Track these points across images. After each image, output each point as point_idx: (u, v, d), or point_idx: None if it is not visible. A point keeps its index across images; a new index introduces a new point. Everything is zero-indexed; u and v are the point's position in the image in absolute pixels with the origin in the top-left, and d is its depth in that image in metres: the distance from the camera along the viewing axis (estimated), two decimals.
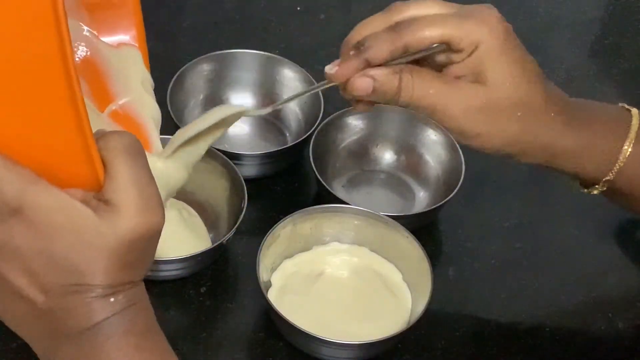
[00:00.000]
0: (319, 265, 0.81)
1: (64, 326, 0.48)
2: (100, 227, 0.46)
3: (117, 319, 0.48)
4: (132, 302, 0.48)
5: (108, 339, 0.48)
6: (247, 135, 0.94)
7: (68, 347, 0.48)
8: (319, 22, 1.10)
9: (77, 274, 0.46)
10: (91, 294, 0.47)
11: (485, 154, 0.69)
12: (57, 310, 0.47)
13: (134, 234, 0.47)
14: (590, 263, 0.87)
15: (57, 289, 0.46)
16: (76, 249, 0.46)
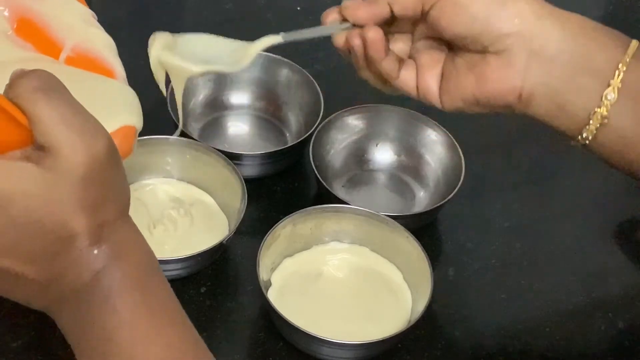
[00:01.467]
0: (319, 265, 0.81)
1: (63, 291, 0.47)
2: (45, 177, 0.44)
3: (108, 274, 0.46)
4: (119, 251, 0.47)
5: (106, 298, 0.46)
6: (247, 135, 0.94)
7: (69, 310, 0.48)
8: (319, 22, 1.10)
9: (48, 232, 0.44)
10: (73, 249, 0.45)
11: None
12: (50, 277, 0.46)
13: (80, 171, 0.44)
14: (590, 263, 0.87)
15: (41, 255, 0.45)
16: (34, 209, 0.44)
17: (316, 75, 0.93)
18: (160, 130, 0.83)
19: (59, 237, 0.45)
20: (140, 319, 0.47)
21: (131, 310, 0.47)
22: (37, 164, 0.44)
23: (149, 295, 0.48)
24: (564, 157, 0.98)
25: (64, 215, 0.44)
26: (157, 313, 0.48)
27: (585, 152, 0.69)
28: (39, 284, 0.46)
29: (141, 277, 0.48)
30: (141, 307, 0.48)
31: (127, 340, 0.47)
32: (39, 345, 0.73)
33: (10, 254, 0.45)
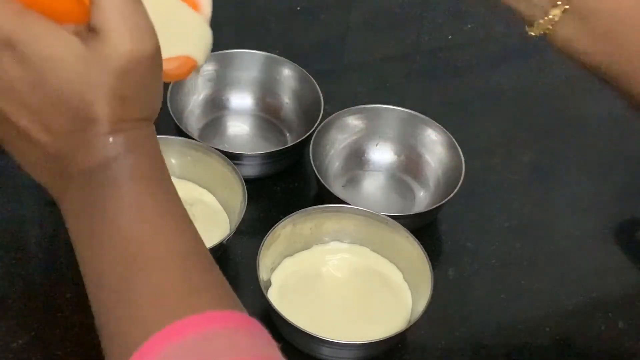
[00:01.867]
0: (319, 265, 0.81)
1: (70, 168, 0.47)
2: (86, 56, 0.45)
3: (119, 163, 0.47)
4: (134, 145, 0.48)
5: (111, 183, 0.47)
6: (247, 135, 0.94)
7: (74, 190, 0.48)
8: (319, 22, 1.10)
9: (73, 107, 0.46)
10: (90, 132, 0.46)
11: None
12: (62, 151, 0.47)
13: (121, 61, 0.46)
14: (590, 263, 0.87)
15: (58, 127, 0.46)
16: (67, 80, 0.45)
17: (316, 75, 0.93)
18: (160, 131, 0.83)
19: (81, 117, 0.46)
20: (144, 208, 0.48)
21: (136, 198, 0.47)
22: (84, 41, 0.46)
23: (156, 190, 0.49)
24: (564, 157, 0.98)
25: (91, 97, 0.46)
26: (161, 206, 0.49)
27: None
28: (49, 154, 0.47)
29: (151, 174, 0.49)
30: (146, 198, 0.48)
31: (127, 224, 0.47)
32: (39, 345, 0.73)
33: (32, 116, 0.46)
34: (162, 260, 0.47)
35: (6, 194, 0.84)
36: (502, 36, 1.14)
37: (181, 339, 0.43)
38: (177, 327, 0.44)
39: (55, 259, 0.79)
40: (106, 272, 0.47)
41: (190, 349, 0.43)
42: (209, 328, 0.44)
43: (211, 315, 0.45)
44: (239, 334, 0.45)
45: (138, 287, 0.46)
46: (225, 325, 0.45)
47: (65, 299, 0.76)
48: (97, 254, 0.48)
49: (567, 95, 1.06)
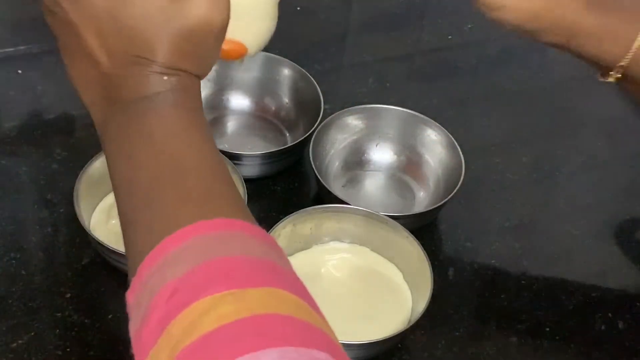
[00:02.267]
0: (319, 265, 0.81)
1: (120, 93, 0.52)
2: (167, 7, 0.51)
3: (165, 95, 0.52)
4: (182, 86, 0.52)
5: (154, 108, 0.52)
6: (247, 135, 0.94)
7: (120, 115, 0.52)
8: (319, 22, 1.11)
9: (140, 45, 0.51)
10: (148, 68, 0.51)
11: (509, 29, 0.71)
12: (117, 76, 0.52)
13: (196, 23, 0.51)
14: (590, 263, 0.87)
15: (120, 55, 0.51)
16: (143, 21, 0.51)
17: (316, 75, 0.93)
18: None
19: (143, 52, 0.51)
20: (179, 128, 0.52)
21: (173, 120, 0.52)
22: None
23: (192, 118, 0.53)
24: (564, 157, 0.98)
25: (158, 43, 0.51)
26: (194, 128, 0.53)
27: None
28: (104, 76, 0.52)
29: (190, 106, 0.53)
30: (182, 121, 0.52)
31: (164, 138, 0.51)
32: (39, 345, 0.73)
33: (101, 38, 0.51)
34: (191, 169, 0.51)
35: (6, 194, 0.84)
36: (502, 36, 1.14)
37: (204, 235, 0.47)
38: (202, 225, 0.47)
39: (55, 259, 0.79)
40: (140, 177, 0.51)
41: (211, 242, 0.47)
42: (230, 230, 0.48)
43: (231, 222, 0.49)
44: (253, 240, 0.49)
45: (168, 189, 0.50)
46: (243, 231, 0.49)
47: (65, 299, 0.76)
48: (132, 163, 0.51)
49: (567, 95, 1.06)
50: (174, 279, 0.45)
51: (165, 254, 0.46)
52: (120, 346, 0.74)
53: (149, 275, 0.46)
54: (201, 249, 0.46)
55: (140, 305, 0.46)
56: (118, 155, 0.53)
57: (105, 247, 0.75)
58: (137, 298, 0.46)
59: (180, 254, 0.46)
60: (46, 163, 0.87)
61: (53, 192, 0.85)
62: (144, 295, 0.46)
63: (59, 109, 0.93)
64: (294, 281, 0.48)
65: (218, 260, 0.46)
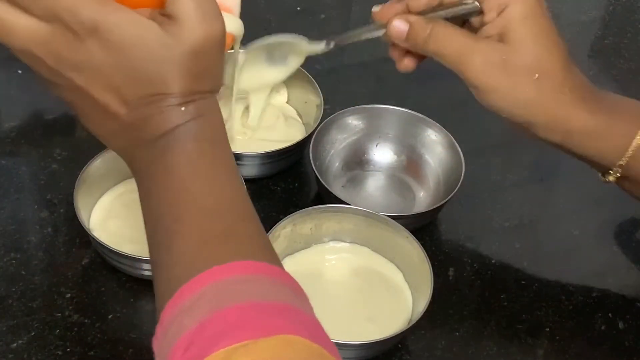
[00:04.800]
0: (319, 265, 0.81)
1: (143, 134, 0.53)
2: (165, 39, 0.51)
3: (186, 127, 0.52)
4: (201, 112, 0.53)
5: (176, 143, 0.52)
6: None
7: (144, 153, 0.53)
8: (319, 22, 1.10)
9: (151, 83, 0.52)
10: (165, 103, 0.52)
11: (502, 117, 0.72)
12: (137, 120, 0.52)
13: (195, 43, 0.52)
14: (590, 263, 0.87)
15: (135, 100, 0.52)
16: (147, 60, 0.51)
17: (316, 75, 0.93)
18: None
19: (158, 91, 0.52)
20: (200, 164, 0.53)
21: (194, 155, 0.53)
22: (161, 26, 0.51)
23: (214, 150, 0.54)
24: (564, 157, 0.98)
25: (169, 75, 0.52)
26: (215, 163, 0.54)
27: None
28: (125, 123, 0.53)
29: (211, 136, 0.54)
30: (203, 156, 0.53)
31: (187, 176, 0.52)
32: (39, 345, 0.73)
33: (113, 92, 0.52)
34: (210, 210, 0.52)
35: (6, 194, 0.84)
36: None
37: (218, 281, 0.48)
38: (216, 270, 0.48)
39: (55, 259, 0.79)
40: (164, 216, 0.52)
41: (224, 289, 0.47)
42: (243, 274, 0.48)
43: (247, 264, 0.49)
44: (269, 282, 0.49)
45: (187, 229, 0.51)
46: (258, 273, 0.49)
47: (65, 299, 0.76)
48: (156, 202, 0.53)
49: None
50: (189, 330, 0.45)
51: (183, 302, 0.47)
52: (120, 346, 0.74)
53: (169, 323, 0.47)
54: (215, 297, 0.47)
55: (161, 355, 0.47)
56: (146, 195, 0.54)
57: (105, 247, 0.75)
58: (160, 346, 0.47)
59: (196, 303, 0.47)
60: (46, 163, 0.87)
61: (53, 192, 0.85)
62: (164, 345, 0.47)
63: (59, 109, 0.93)
64: (310, 324, 0.48)
65: (231, 309, 0.46)
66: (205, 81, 0.53)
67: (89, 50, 0.50)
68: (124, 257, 0.75)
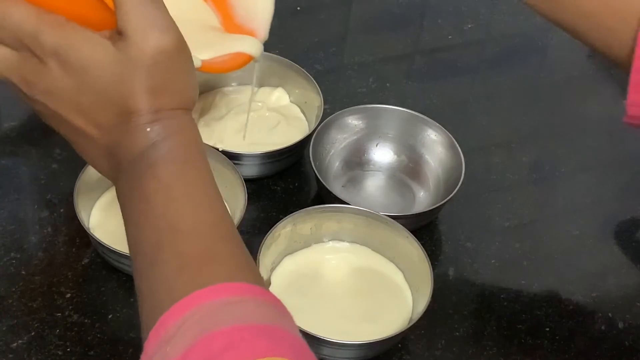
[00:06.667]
0: (319, 265, 0.81)
1: (119, 158, 0.53)
2: (117, 56, 0.51)
3: (156, 150, 0.52)
4: (169, 132, 0.52)
5: (148, 168, 0.52)
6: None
7: (123, 177, 0.53)
8: (319, 22, 1.10)
9: (113, 103, 0.51)
10: (131, 124, 0.52)
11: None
12: (111, 143, 0.53)
13: (145, 56, 0.51)
14: (590, 263, 0.87)
15: (105, 122, 0.52)
16: (104, 80, 0.51)
17: (316, 75, 0.93)
18: None
19: (121, 111, 0.52)
20: (175, 188, 0.52)
21: (169, 179, 0.52)
22: (115, 44, 0.51)
23: (188, 171, 0.53)
24: (564, 157, 0.98)
25: (128, 93, 0.51)
26: (192, 185, 0.53)
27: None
28: (102, 146, 0.53)
29: (185, 157, 0.53)
30: (178, 179, 0.52)
31: (162, 202, 0.51)
32: (39, 345, 0.73)
33: (83, 115, 0.52)
34: (187, 233, 0.51)
35: (6, 194, 0.84)
36: (502, 36, 1.14)
37: (199, 306, 0.47)
38: (196, 296, 0.47)
39: (55, 259, 0.79)
40: (142, 244, 0.51)
41: (206, 315, 0.46)
42: (225, 297, 0.48)
43: (228, 286, 0.48)
44: (252, 303, 0.48)
45: (165, 256, 0.50)
46: (240, 294, 0.48)
47: (65, 299, 0.76)
48: (136, 229, 0.52)
49: (567, 95, 1.06)
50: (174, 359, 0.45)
51: (166, 330, 0.47)
52: (120, 346, 0.74)
53: (152, 353, 0.47)
54: (198, 323, 0.46)
55: None
56: (127, 221, 0.53)
57: (105, 247, 0.75)
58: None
59: (179, 330, 0.46)
60: (46, 163, 0.87)
61: (53, 192, 0.85)
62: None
63: None
64: (296, 345, 0.47)
65: (215, 334, 0.45)
66: (167, 97, 0.52)
67: (52, 74, 0.51)
68: (124, 257, 0.75)
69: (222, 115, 0.91)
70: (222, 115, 0.91)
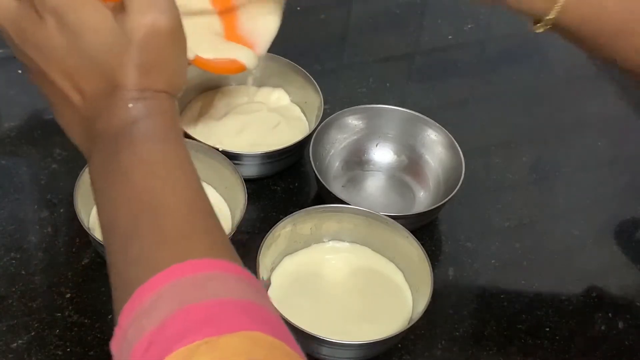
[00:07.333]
0: (319, 265, 0.81)
1: (97, 130, 0.53)
2: (115, 29, 0.51)
3: (137, 127, 0.52)
4: (151, 112, 0.52)
5: (127, 144, 0.52)
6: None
7: (98, 150, 0.53)
8: (319, 22, 1.10)
9: (100, 73, 0.52)
10: (114, 97, 0.52)
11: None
12: (91, 112, 0.53)
13: (140, 33, 0.51)
14: (590, 263, 0.87)
15: (88, 89, 0.52)
16: (97, 48, 0.51)
17: (316, 75, 0.93)
18: None
19: (107, 82, 0.52)
20: (154, 164, 0.52)
21: (148, 156, 0.52)
22: (115, 15, 0.52)
23: (168, 150, 0.53)
24: (564, 157, 0.98)
25: (117, 65, 0.51)
26: (171, 162, 0.53)
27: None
28: (81, 114, 0.53)
29: (164, 136, 0.53)
30: (158, 155, 0.52)
31: (141, 178, 0.51)
32: (39, 345, 0.73)
33: (69, 78, 0.52)
34: (167, 208, 0.51)
35: (6, 194, 0.84)
36: (502, 36, 1.14)
37: (178, 280, 0.47)
38: (175, 269, 0.47)
39: (55, 259, 0.79)
40: (119, 218, 0.51)
41: (185, 288, 0.46)
42: (203, 272, 0.47)
43: (207, 262, 0.48)
44: (230, 279, 0.48)
45: (144, 230, 0.50)
46: (218, 270, 0.48)
47: (65, 299, 0.76)
48: (112, 204, 0.52)
49: (567, 95, 1.06)
50: (149, 330, 0.45)
51: (142, 303, 0.46)
52: None
53: (127, 325, 0.46)
54: (175, 296, 0.46)
55: (122, 357, 0.46)
56: (100, 196, 0.53)
57: (105, 247, 0.75)
58: (119, 348, 0.47)
59: (155, 303, 0.46)
60: (46, 163, 0.87)
61: (53, 192, 0.85)
62: (124, 347, 0.46)
63: None
64: (272, 320, 0.47)
65: (191, 307, 0.45)
66: (154, 78, 0.53)
67: (48, 30, 0.51)
68: None
69: (221, 115, 0.91)
70: (222, 115, 0.91)
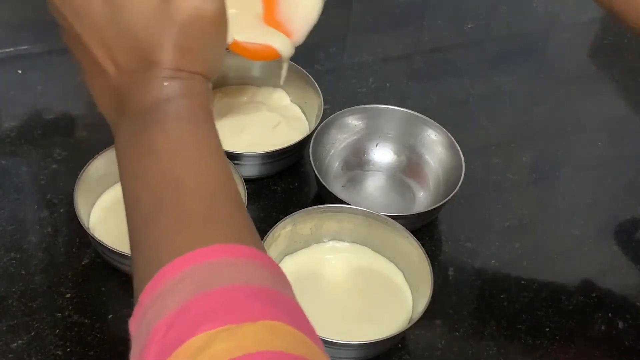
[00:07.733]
0: (319, 265, 0.81)
1: (127, 104, 0.53)
2: (160, 6, 0.51)
3: (169, 105, 0.52)
4: (185, 93, 0.53)
5: (158, 121, 0.52)
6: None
7: (128, 129, 0.53)
8: (319, 22, 1.10)
9: (139, 48, 0.52)
10: (150, 73, 0.52)
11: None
12: (124, 85, 0.53)
13: (184, 15, 0.52)
14: (590, 263, 0.87)
15: (124, 62, 0.52)
16: (139, 23, 0.52)
17: (316, 75, 0.93)
18: None
19: (144, 58, 0.52)
20: (184, 144, 0.52)
21: (178, 135, 0.52)
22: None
23: (198, 131, 0.53)
24: (564, 157, 0.98)
25: (157, 43, 0.52)
26: (200, 144, 0.52)
27: None
28: (113, 85, 0.53)
29: (196, 117, 0.53)
30: (188, 136, 0.52)
31: (168, 156, 0.51)
32: (39, 345, 0.73)
33: (106, 48, 0.53)
34: (192, 191, 0.50)
35: (6, 194, 0.84)
36: (502, 36, 1.14)
37: (201, 263, 0.46)
38: (199, 253, 0.47)
39: (55, 259, 0.79)
40: (142, 196, 0.51)
41: (208, 272, 0.46)
42: (225, 257, 0.47)
43: (230, 247, 0.48)
44: (254, 266, 0.48)
45: (168, 211, 0.49)
46: (241, 256, 0.48)
47: (65, 299, 0.76)
48: (138, 182, 0.51)
49: (567, 95, 1.06)
50: (170, 312, 0.44)
51: (164, 284, 0.46)
52: (121, 346, 0.74)
53: (148, 305, 0.46)
54: (198, 279, 0.46)
55: (140, 336, 0.45)
56: (125, 172, 0.53)
57: (105, 247, 0.75)
58: (138, 328, 0.46)
59: (178, 285, 0.46)
60: (46, 163, 0.87)
61: (53, 192, 0.85)
62: (143, 327, 0.45)
63: (59, 109, 0.93)
64: (293, 310, 0.47)
65: (214, 292, 0.45)
66: (192, 59, 0.53)
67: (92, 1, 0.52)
68: (124, 257, 0.75)
69: (221, 115, 0.91)
70: (222, 115, 0.91)
